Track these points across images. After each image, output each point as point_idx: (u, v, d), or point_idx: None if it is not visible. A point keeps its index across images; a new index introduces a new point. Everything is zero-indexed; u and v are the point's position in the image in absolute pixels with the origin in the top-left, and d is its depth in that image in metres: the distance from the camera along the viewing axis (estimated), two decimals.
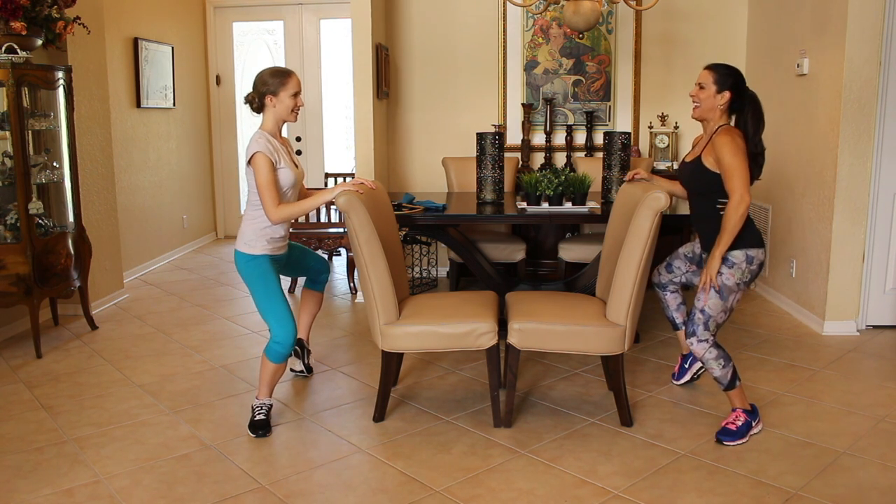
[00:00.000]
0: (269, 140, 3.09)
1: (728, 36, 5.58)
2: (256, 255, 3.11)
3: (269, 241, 3.14)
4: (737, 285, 2.97)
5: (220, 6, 7.50)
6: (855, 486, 2.63)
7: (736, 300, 3.00)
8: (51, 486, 2.67)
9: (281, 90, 3.10)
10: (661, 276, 3.48)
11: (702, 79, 3.05)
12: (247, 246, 3.12)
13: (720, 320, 2.98)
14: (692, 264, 3.38)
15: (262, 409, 3.13)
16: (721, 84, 3.01)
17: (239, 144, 7.70)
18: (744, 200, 2.86)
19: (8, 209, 4.08)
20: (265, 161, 3.01)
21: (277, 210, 3.02)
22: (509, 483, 2.68)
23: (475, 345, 3.09)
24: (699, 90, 3.05)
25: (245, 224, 3.16)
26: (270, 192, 3.01)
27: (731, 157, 2.89)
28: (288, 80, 3.11)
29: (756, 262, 2.98)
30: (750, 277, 3.00)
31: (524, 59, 5.72)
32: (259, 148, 3.02)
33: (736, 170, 2.88)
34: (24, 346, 4.24)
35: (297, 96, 3.15)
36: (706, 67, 3.07)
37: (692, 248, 3.37)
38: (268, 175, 3.01)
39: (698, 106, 3.06)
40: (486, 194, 4.28)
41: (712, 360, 2.97)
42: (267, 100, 3.12)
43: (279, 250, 3.22)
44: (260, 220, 3.12)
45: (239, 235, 3.17)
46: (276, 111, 3.14)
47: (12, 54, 3.91)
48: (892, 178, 4.22)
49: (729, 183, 2.90)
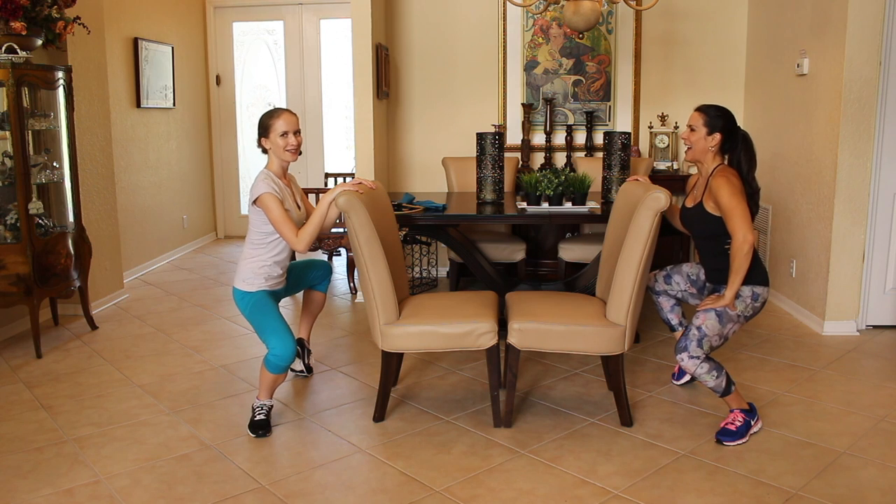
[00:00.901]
0: (274, 180, 3.15)
1: (728, 36, 5.58)
2: (254, 292, 3.16)
3: (266, 278, 3.19)
4: (737, 317, 3.00)
5: (220, 6, 7.50)
6: (855, 486, 2.63)
7: (732, 331, 3.02)
8: (51, 486, 2.67)
9: (270, 132, 3.17)
10: (657, 284, 3.48)
11: (692, 121, 3.08)
12: (244, 283, 3.17)
13: (714, 343, 2.99)
14: (693, 287, 3.38)
15: (263, 409, 3.14)
16: (711, 126, 3.06)
17: (239, 144, 7.71)
18: (747, 240, 2.90)
19: (8, 209, 4.08)
20: (273, 199, 3.05)
21: (299, 239, 3.07)
22: (509, 483, 2.68)
23: (475, 345, 3.09)
24: (690, 132, 3.09)
25: (243, 263, 3.20)
26: (287, 227, 3.06)
27: (729, 199, 2.93)
28: (275, 121, 3.16)
29: (760, 299, 3.03)
30: (752, 313, 3.05)
31: (524, 59, 5.72)
32: (265, 189, 3.07)
33: (735, 209, 2.92)
34: (24, 346, 4.24)
35: (287, 136, 3.16)
36: (696, 109, 3.11)
37: (697, 272, 3.37)
38: (279, 211, 3.05)
39: (691, 148, 3.10)
40: (486, 194, 4.28)
41: (705, 374, 2.97)
42: (262, 142, 3.20)
43: (277, 286, 3.27)
44: (257, 260, 3.17)
45: (237, 273, 3.22)
46: (273, 152, 3.20)
47: (12, 54, 3.91)
48: (892, 178, 4.22)
49: (730, 223, 2.94)
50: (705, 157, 3.10)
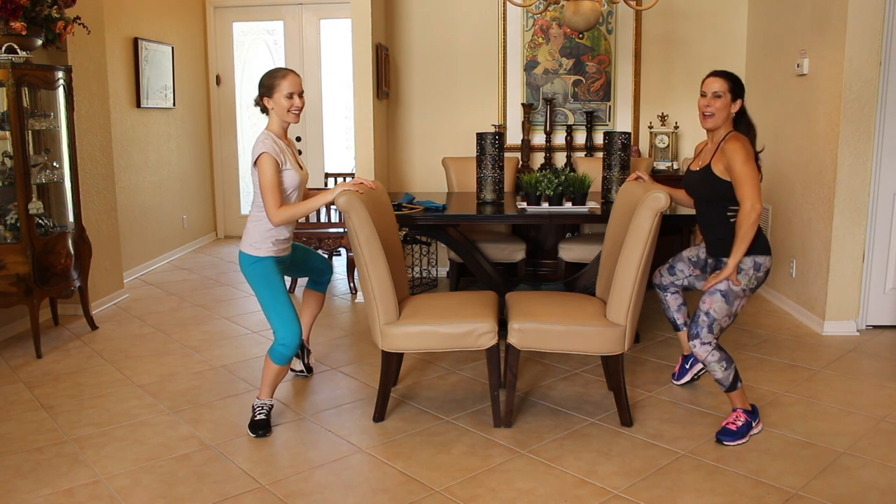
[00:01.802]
0: (275, 141, 3.09)
1: (728, 36, 5.58)
2: (261, 257, 3.11)
3: (274, 242, 3.14)
4: (742, 291, 2.98)
5: (220, 6, 7.50)
6: (855, 486, 2.63)
7: (740, 306, 3.01)
8: (51, 486, 2.67)
9: (275, 92, 3.11)
10: (662, 278, 3.47)
11: (717, 87, 3.02)
12: (252, 247, 3.12)
13: (724, 324, 2.98)
14: (696, 268, 3.37)
15: (263, 409, 3.13)
16: (735, 92, 3.04)
17: (239, 144, 7.71)
18: (755, 208, 2.87)
19: (8, 209, 4.08)
20: (271, 162, 3.01)
21: (279, 212, 3.02)
22: (509, 483, 2.68)
23: (475, 345, 3.09)
24: (716, 99, 3.02)
25: (250, 225, 3.15)
26: (273, 194, 3.01)
27: (743, 165, 2.90)
28: (281, 81, 3.10)
29: (763, 269, 3.00)
30: (756, 284, 3.02)
31: (524, 59, 5.72)
32: (265, 149, 3.02)
33: (747, 177, 2.89)
34: (24, 346, 4.24)
35: (293, 97, 3.12)
36: (717, 75, 3.05)
37: (697, 252, 3.36)
38: (272, 177, 3.01)
39: (712, 115, 3.03)
40: (486, 194, 4.28)
41: (715, 363, 2.96)
42: (265, 101, 3.14)
43: (284, 252, 3.22)
44: (265, 222, 3.11)
45: (244, 236, 3.17)
46: (275, 112, 3.14)
47: (12, 54, 3.91)
48: (892, 178, 4.22)
49: (740, 190, 2.91)
50: (724, 124, 3.05)
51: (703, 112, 3.06)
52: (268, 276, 3.09)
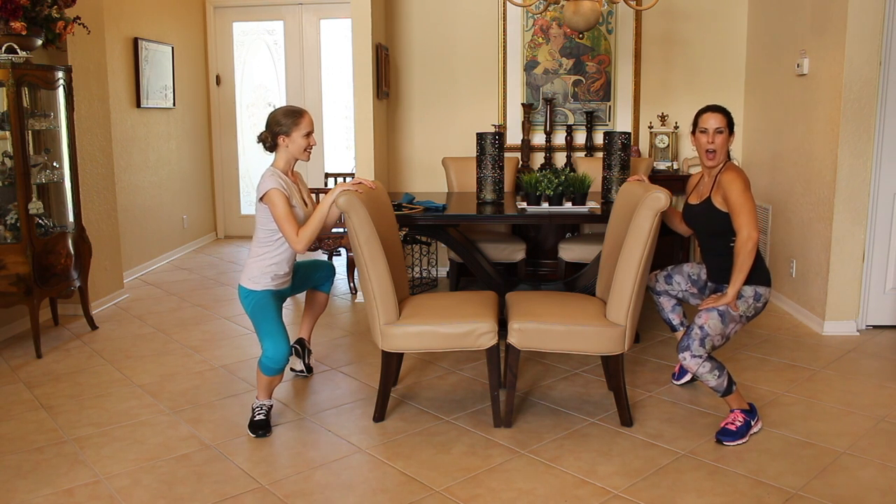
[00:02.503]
0: (282, 177, 3.14)
1: (728, 36, 5.58)
2: (259, 291, 3.16)
3: (273, 277, 3.20)
4: (740, 317, 3.00)
5: (220, 6, 7.50)
6: (855, 486, 2.63)
7: (734, 330, 3.02)
8: (51, 486, 2.67)
9: (293, 130, 3.16)
10: (657, 284, 3.48)
11: (718, 123, 3.04)
12: (251, 282, 3.18)
13: (717, 343, 2.99)
14: (694, 287, 3.38)
15: (262, 409, 3.14)
16: (731, 127, 3.09)
17: (239, 144, 7.71)
18: (751, 238, 2.89)
19: (8, 209, 4.08)
20: (280, 195, 3.06)
21: (299, 239, 3.07)
22: (509, 483, 2.68)
23: (475, 345, 3.09)
24: (718, 135, 3.04)
25: (250, 261, 3.21)
26: (290, 225, 3.06)
27: (741, 194, 2.93)
28: (300, 120, 3.17)
29: (763, 299, 3.03)
30: (753, 313, 3.05)
31: (524, 59, 5.72)
32: (273, 185, 3.07)
33: (744, 206, 2.92)
34: (24, 346, 4.24)
35: (310, 136, 3.20)
36: (714, 111, 3.08)
37: (698, 271, 3.37)
38: (284, 209, 3.05)
39: (715, 152, 3.05)
40: (486, 194, 4.28)
41: (707, 374, 2.97)
42: (280, 140, 3.18)
43: (282, 286, 3.28)
44: (265, 259, 3.17)
45: (244, 271, 3.23)
46: (289, 151, 3.20)
47: (12, 54, 3.91)
48: (892, 178, 4.22)
49: (737, 219, 2.94)
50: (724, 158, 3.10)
51: (707, 150, 3.06)
52: (264, 305, 3.14)
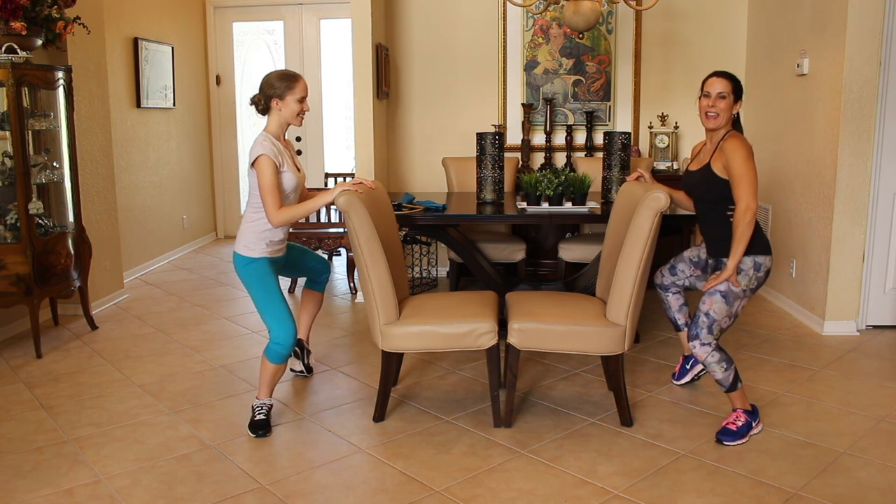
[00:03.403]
0: (274, 143, 3.10)
1: (728, 36, 5.58)
2: (255, 258, 3.12)
3: (268, 244, 3.14)
4: (743, 291, 2.98)
5: (220, 6, 7.50)
6: (855, 486, 2.63)
7: (741, 306, 3.00)
8: (51, 486, 2.67)
9: (287, 94, 3.11)
10: (663, 278, 3.47)
11: (722, 87, 3.01)
12: (246, 248, 3.13)
13: (724, 325, 2.98)
14: (697, 269, 3.37)
15: (263, 409, 3.13)
16: (737, 93, 3.04)
17: (239, 144, 7.70)
18: (750, 208, 2.87)
19: (8, 209, 4.08)
20: (269, 164, 3.01)
21: (279, 213, 3.02)
22: (509, 483, 2.68)
23: (475, 345, 3.09)
24: (720, 99, 3.01)
25: (244, 226, 3.16)
26: (273, 196, 3.01)
27: (742, 163, 2.90)
28: (295, 84, 3.13)
29: (763, 269, 3.00)
30: (756, 284, 3.02)
31: (524, 59, 5.72)
32: (263, 150, 3.02)
33: (745, 176, 2.89)
34: (24, 346, 4.24)
35: (304, 101, 3.16)
36: (721, 76, 3.04)
37: (697, 252, 3.36)
38: (271, 178, 3.01)
39: (716, 116, 3.02)
40: (486, 194, 4.28)
41: (714, 364, 2.96)
42: (273, 103, 3.13)
43: (278, 253, 3.23)
44: (260, 223, 3.12)
45: (238, 237, 3.18)
46: (282, 115, 3.15)
47: (12, 54, 3.91)
48: (892, 178, 4.22)
49: (737, 189, 2.91)
50: (725, 125, 3.05)
51: (707, 112, 3.03)
52: (262, 276, 3.10)
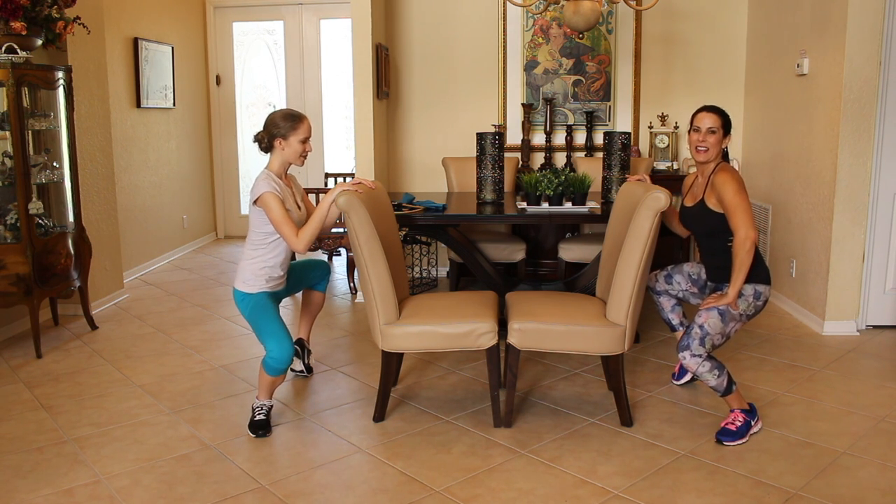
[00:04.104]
0: (275, 180, 3.14)
1: (728, 36, 5.58)
2: (254, 294, 3.16)
3: (267, 280, 3.18)
4: (740, 315, 3.01)
5: (220, 6, 7.50)
6: (855, 486, 2.63)
7: (735, 329, 3.03)
8: (51, 486, 2.67)
9: (291, 134, 3.15)
10: (657, 284, 3.48)
11: (712, 123, 3.06)
12: (244, 285, 3.17)
13: (717, 342, 2.99)
14: (694, 286, 3.38)
15: (263, 409, 3.14)
16: (726, 128, 3.10)
17: (239, 144, 7.71)
18: (749, 237, 2.90)
19: (8, 209, 4.08)
20: (274, 198, 3.04)
21: (300, 240, 3.06)
22: (509, 483, 2.68)
23: (475, 345, 3.09)
24: (710, 134, 3.06)
25: (243, 263, 3.20)
26: (288, 227, 3.05)
27: (734, 195, 2.94)
28: (299, 125, 3.16)
29: (763, 298, 3.04)
30: (754, 311, 3.05)
31: (524, 59, 5.72)
32: (267, 188, 3.06)
33: (739, 206, 2.93)
34: (24, 346, 4.24)
35: (307, 142, 3.19)
36: (709, 111, 3.10)
37: (698, 271, 3.37)
38: (280, 211, 3.04)
39: (706, 150, 3.07)
40: (486, 194, 4.28)
41: (706, 373, 2.97)
42: (276, 142, 3.17)
43: (277, 287, 3.27)
44: (258, 261, 3.16)
45: (237, 274, 3.22)
46: (285, 154, 3.19)
47: (12, 54, 3.91)
48: (892, 178, 4.22)
49: (733, 220, 2.94)
50: (715, 158, 3.11)
51: (697, 147, 3.10)
52: (261, 306, 3.13)
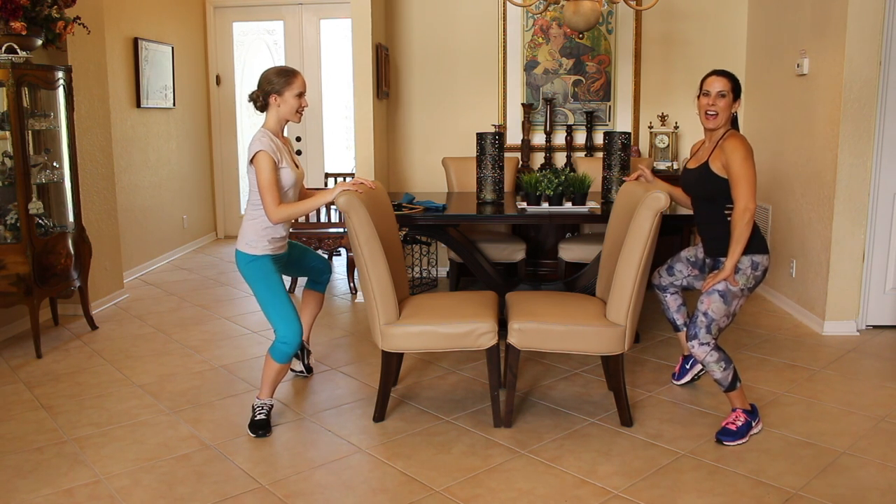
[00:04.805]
0: (272, 139, 3.09)
1: (728, 36, 5.58)
2: (258, 256, 3.12)
3: (270, 241, 3.14)
4: (741, 290, 2.98)
5: (220, 6, 7.50)
6: (855, 486, 2.63)
7: (739, 305, 3.01)
8: (51, 486, 2.67)
9: (286, 90, 3.10)
10: (661, 279, 3.47)
11: (722, 86, 3.00)
12: (248, 246, 3.13)
13: (722, 325, 2.98)
14: (694, 268, 3.37)
15: (263, 409, 3.13)
16: (736, 92, 3.04)
17: (239, 144, 7.70)
18: (748, 209, 2.88)
19: (8, 209, 4.08)
20: (268, 160, 3.00)
21: (278, 210, 3.02)
22: (509, 483, 2.68)
23: (475, 345, 3.09)
24: (720, 98, 3.01)
25: (246, 224, 3.15)
26: (272, 193, 3.01)
27: (741, 163, 2.90)
28: (293, 79, 3.11)
29: (761, 268, 3.00)
30: (754, 283, 3.02)
31: (524, 59, 5.72)
32: (262, 147, 3.01)
33: (744, 176, 2.89)
34: (24, 346, 4.24)
35: (302, 96, 3.14)
36: (720, 74, 3.04)
37: (695, 252, 3.36)
38: (270, 175, 3.00)
39: (716, 115, 3.01)
40: (486, 194, 4.28)
41: (713, 363, 2.96)
42: (271, 99, 3.12)
43: (280, 249, 3.23)
44: (261, 220, 3.12)
45: (240, 235, 3.17)
46: (280, 111, 3.13)
47: (12, 54, 3.91)
48: (892, 178, 4.22)
49: (736, 189, 2.91)
50: (725, 124, 3.04)
51: (706, 111, 3.03)
52: (265, 274, 3.09)
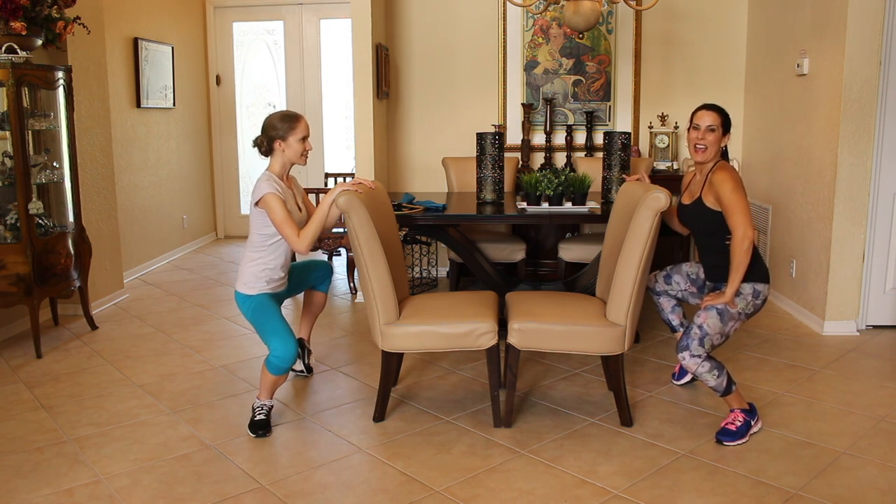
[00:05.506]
0: (277, 182, 3.15)
1: (728, 36, 5.58)
2: (255, 295, 3.17)
3: (267, 282, 3.20)
4: (739, 314, 3.00)
5: (220, 6, 7.50)
6: (855, 486, 2.63)
7: (733, 328, 3.02)
8: (51, 486, 2.67)
9: (290, 135, 3.16)
10: (657, 284, 3.48)
11: (711, 121, 3.04)
12: (246, 287, 3.18)
13: (716, 342, 2.98)
14: (693, 286, 3.38)
15: (263, 409, 3.14)
16: (726, 126, 3.08)
17: (239, 144, 7.71)
18: (747, 236, 2.90)
19: (8, 209, 4.08)
20: (276, 199, 3.05)
21: (300, 240, 3.07)
22: (509, 483, 2.68)
23: (475, 345, 3.09)
24: (709, 132, 3.04)
25: (244, 266, 3.21)
26: (289, 226, 3.05)
27: (732, 193, 2.94)
28: (297, 124, 3.17)
29: (761, 297, 3.03)
30: (752, 310, 3.05)
31: (524, 59, 5.72)
32: (268, 189, 3.07)
33: (736, 205, 2.92)
34: (24, 346, 4.24)
35: (306, 140, 3.20)
36: (707, 109, 3.08)
37: (697, 270, 3.37)
38: (282, 212, 3.05)
39: (705, 148, 3.05)
40: (486, 194, 4.28)
41: (706, 373, 2.97)
42: (276, 144, 3.18)
43: (278, 288, 3.28)
44: (259, 263, 3.17)
45: (238, 276, 3.23)
46: (285, 155, 3.20)
47: (12, 54, 3.91)
48: (892, 178, 4.22)
49: (731, 219, 2.94)
50: (716, 157, 3.09)
51: (696, 145, 3.08)
52: (263, 307, 3.14)
